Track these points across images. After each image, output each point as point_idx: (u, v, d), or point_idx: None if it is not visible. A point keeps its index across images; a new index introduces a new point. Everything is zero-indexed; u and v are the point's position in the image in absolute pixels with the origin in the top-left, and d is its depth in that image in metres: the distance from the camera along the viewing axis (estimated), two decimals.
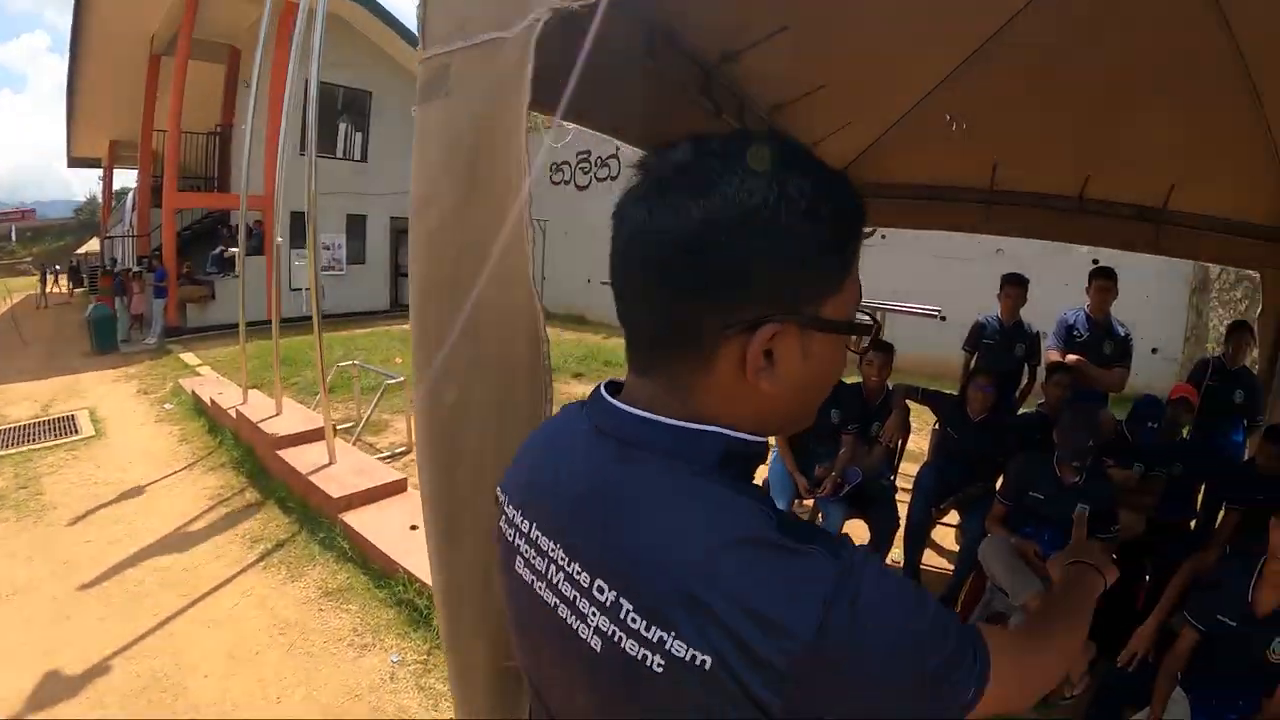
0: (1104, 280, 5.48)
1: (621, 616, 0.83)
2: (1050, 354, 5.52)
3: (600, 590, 0.86)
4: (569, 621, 0.90)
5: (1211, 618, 3.17)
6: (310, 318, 7.18)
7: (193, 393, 10.71)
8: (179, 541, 6.12)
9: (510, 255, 1.56)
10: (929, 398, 5.20)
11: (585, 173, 20.66)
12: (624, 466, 0.90)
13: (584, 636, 0.87)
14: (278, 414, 8.37)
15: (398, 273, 22.61)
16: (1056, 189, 5.42)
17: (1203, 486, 4.85)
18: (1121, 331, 5.56)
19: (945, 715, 0.85)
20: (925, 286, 12.20)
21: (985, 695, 0.87)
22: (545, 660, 0.99)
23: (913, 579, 4.71)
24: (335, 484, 6.52)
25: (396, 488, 6.67)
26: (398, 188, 19.63)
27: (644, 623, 0.81)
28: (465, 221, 1.67)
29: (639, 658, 0.81)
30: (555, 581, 0.92)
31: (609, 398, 0.97)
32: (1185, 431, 4.94)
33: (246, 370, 9.45)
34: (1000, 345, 5.72)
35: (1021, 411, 5.60)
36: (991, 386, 4.88)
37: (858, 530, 4.93)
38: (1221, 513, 4.62)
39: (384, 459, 7.92)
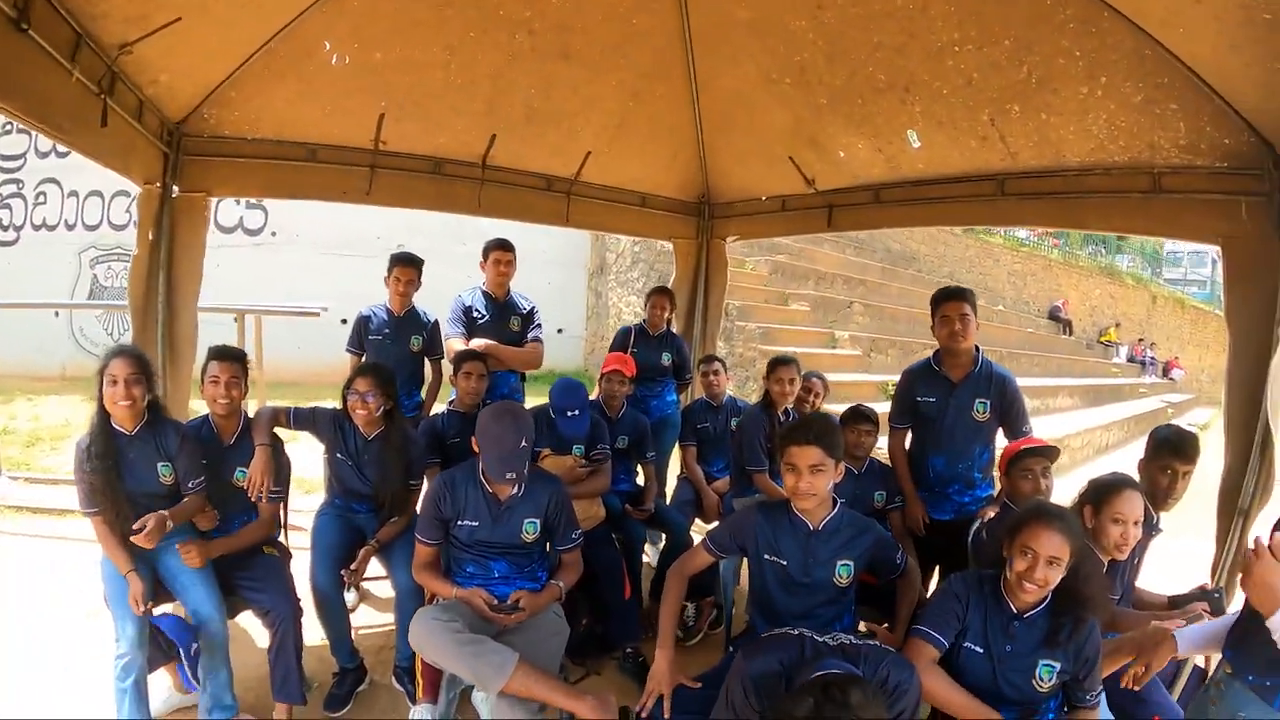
0: (501, 252, 5.03)
1: None
2: (452, 343, 4.93)
3: None
4: None
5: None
6: None
7: None
8: None
9: None
10: (301, 419, 4.01)
11: None
12: None
13: None
14: None
15: None
16: (457, 152, 4.95)
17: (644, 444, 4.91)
18: (525, 305, 5.24)
19: None
20: (317, 286, 11.20)
21: None
22: None
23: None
24: None
25: None
26: None
27: None
28: None
29: None
30: None
31: None
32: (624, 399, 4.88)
33: None
34: (392, 339, 5.06)
35: (435, 412, 4.84)
36: (375, 393, 3.81)
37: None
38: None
39: None
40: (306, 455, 4.77)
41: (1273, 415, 3.01)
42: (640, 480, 4.99)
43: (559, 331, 14.13)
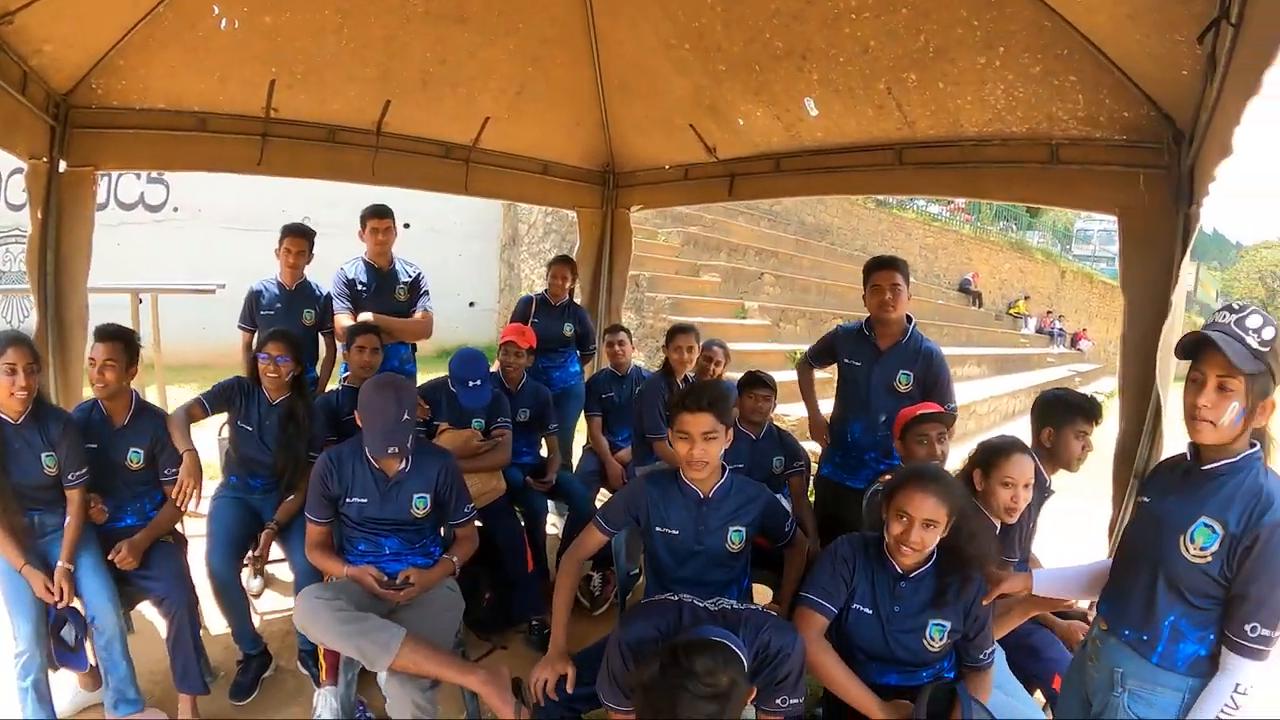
0: (377, 220, 4.90)
1: None
2: (340, 319, 4.81)
3: None
4: None
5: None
6: None
7: None
8: None
9: None
10: (215, 399, 3.93)
11: None
12: None
13: None
14: None
15: None
16: (351, 119, 4.79)
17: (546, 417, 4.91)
18: (411, 273, 5.12)
19: None
20: (221, 262, 10.69)
21: None
22: None
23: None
24: None
25: None
26: None
27: None
28: None
29: None
30: None
31: None
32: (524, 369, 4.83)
33: None
34: (284, 313, 4.87)
35: (331, 389, 4.76)
36: (287, 357, 3.81)
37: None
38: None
39: None
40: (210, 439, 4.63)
41: (1162, 381, 3.07)
42: (544, 452, 4.96)
43: (471, 305, 14.08)
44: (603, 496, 4.99)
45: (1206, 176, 2.73)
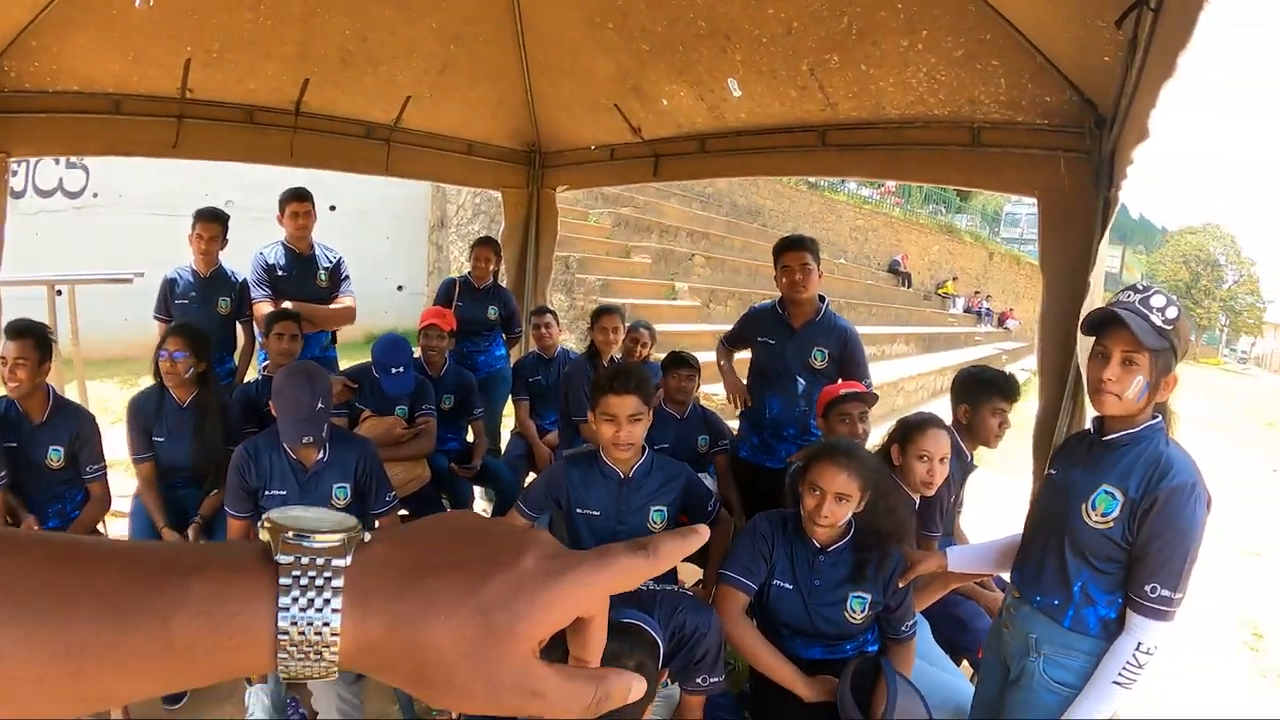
0: (297, 204, 4.78)
1: None
2: (260, 306, 4.69)
3: None
4: None
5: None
6: None
7: None
8: None
9: None
10: (138, 428, 3.78)
11: None
12: None
13: None
14: None
15: None
16: (269, 99, 4.62)
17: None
18: (331, 258, 5.02)
19: None
20: (144, 250, 10.29)
21: None
22: None
23: None
24: None
25: None
26: None
27: None
28: None
29: None
30: None
31: None
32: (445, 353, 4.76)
33: None
34: (199, 302, 4.72)
35: (250, 379, 4.65)
36: (185, 353, 3.68)
37: None
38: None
39: None
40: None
41: (1083, 359, 3.12)
42: (469, 438, 4.92)
43: (399, 289, 13.90)
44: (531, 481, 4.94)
45: (1125, 160, 2.76)
